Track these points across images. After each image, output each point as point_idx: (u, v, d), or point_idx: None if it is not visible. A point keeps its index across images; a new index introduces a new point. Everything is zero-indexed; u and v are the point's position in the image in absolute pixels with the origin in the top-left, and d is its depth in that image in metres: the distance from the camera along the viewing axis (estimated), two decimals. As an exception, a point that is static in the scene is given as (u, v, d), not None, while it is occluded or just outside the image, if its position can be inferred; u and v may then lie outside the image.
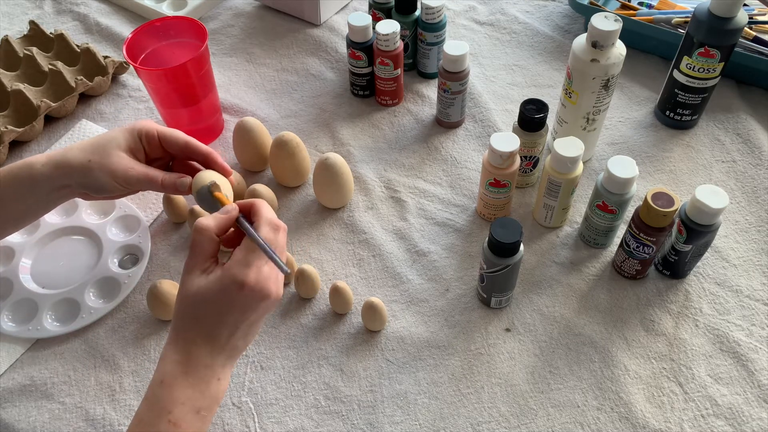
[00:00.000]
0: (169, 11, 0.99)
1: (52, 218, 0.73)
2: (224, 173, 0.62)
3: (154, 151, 0.63)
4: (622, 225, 0.68)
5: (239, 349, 0.51)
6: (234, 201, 0.57)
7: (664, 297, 0.65)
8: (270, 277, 0.49)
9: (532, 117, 0.66)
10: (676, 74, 0.75)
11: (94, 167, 0.58)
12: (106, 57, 0.88)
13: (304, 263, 0.66)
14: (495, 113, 0.83)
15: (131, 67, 0.83)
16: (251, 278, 0.48)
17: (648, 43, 0.88)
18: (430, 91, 0.87)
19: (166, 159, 0.65)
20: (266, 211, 0.52)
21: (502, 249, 0.57)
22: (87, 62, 0.88)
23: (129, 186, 0.61)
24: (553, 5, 1.00)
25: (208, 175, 0.59)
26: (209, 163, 0.63)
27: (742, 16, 0.68)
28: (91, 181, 0.59)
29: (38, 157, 0.59)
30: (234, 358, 0.51)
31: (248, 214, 0.53)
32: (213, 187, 0.58)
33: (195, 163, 0.65)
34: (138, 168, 0.60)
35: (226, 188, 0.59)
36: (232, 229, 0.53)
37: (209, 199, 0.58)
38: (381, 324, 0.63)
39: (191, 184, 0.60)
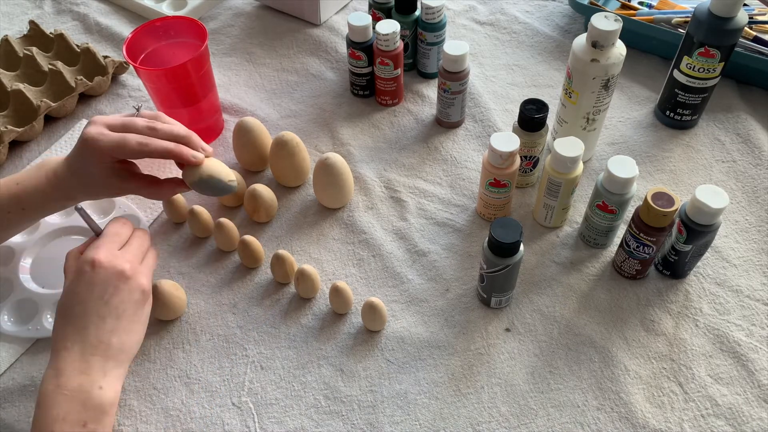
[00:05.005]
0: (169, 11, 0.99)
1: (52, 218, 0.73)
2: (205, 152, 0.61)
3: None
4: (622, 225, 0.68)
5: (114, 347, 0.50)
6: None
7: (664, 297, 0.65)
8: (120, 257, 0.54)
9: (532, 117, 0.66)
10: (676, 74, 0.75)
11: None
12: (106, 57, 0.88)
13: (304, 263, 0.66)
14: (495, 113, 0.83)
15: (131, 67, 0.83)
16: (101, 255, 0.52)
17: (648, 43, 0.88)
18: (430, 91, 0.87)
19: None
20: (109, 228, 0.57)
21: (502, 249, 0.57)
22: (87, 62, 0.88)
23: (131, 156, 0.58)
24: (553, 5, 1.00)
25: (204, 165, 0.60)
26: (177, 156, 0.59)
27: (742, 16, 0.68)
28: (90, 152, 0.56)
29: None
30: (113, 361, 0.50)
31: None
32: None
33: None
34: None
35: (224, 173, 0.61)
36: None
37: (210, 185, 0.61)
38: (381, 324, 0.63)
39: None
